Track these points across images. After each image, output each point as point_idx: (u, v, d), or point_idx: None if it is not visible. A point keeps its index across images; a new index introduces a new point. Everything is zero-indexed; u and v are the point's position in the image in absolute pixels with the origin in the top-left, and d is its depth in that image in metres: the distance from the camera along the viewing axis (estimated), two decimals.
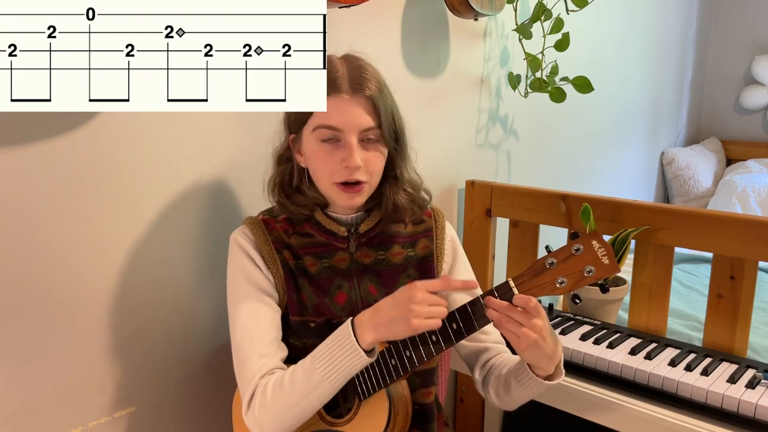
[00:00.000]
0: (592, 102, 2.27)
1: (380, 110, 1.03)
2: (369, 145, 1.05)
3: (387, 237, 1.15)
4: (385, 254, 1.14)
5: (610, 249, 0.97)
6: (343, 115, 1.02)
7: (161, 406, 1.29)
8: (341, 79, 1.03)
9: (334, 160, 1.04)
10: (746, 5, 3.32)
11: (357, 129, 1.03)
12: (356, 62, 1.07)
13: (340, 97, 1.02)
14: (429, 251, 1.17)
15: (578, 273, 0.96)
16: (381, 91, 1.05)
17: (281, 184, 1.13)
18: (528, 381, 1.07)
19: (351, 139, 1.02)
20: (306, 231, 1.13)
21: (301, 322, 1.10)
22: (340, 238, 1.12)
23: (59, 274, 1.11)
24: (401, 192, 1.12)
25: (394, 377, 1.04)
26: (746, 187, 2.95)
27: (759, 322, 1.70)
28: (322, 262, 1.12)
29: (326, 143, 1.04)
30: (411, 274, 1.15)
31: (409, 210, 1.13)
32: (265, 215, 1.16)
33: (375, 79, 1.05)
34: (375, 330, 0.97)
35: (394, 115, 1.07)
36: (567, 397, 1.42)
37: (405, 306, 0.94)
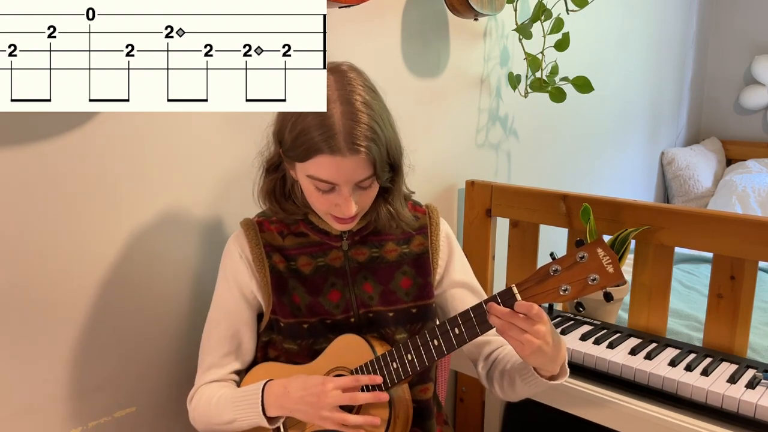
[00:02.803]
0: (592, 102, 2.27)
1: (376, 159, 0.98)
2: (363, 187, 1.03)
3: (380, 234, 1.14)
4: (380, 251, 1.14)
5: (615, 257, 0.96)
6: (338, 173, 0.99)
7: (161, 406, 1.29)
8: (337, 137, 0.96)
9: (328, 203, 1.03)
10: (746, 5, 3.32)
11: (352, 182, 1.00)
12: (354, 104, 0.98)
13: (333, 158, 0.97)
14: (424, 248, 1.17)
15: (582, 281, 0.96)
16: (375, 132, 0.98)
17: (272, 192, 1.11)
18: (533, 381, 1.07)
19: (345, 192, 1.00)
20: (300, 230, 1.13)
21: (295, 323, 1.11)
22: (333, 236, 1.12)
23: (59, 275, 1.11)
24: (390, 207, 1.11)
25: (396, 381, 1.04)
26: (746, 187, 2.95)
27: (759, 322, 1.70)
28: (317, 261, 1.12)
29: (320, 189, 1.02)
30: (406, 270, 1.15)
31: (391, 227, 1.12)
32: (260, 217, 1.16)
33: (371, 115, 0.98)
34: (280, 410, 1.05)
35: (389, 148, 1.01)
36: (567, 397, 1.42)
37: (314, 403, 1.00)
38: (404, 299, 1.14)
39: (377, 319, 1.13)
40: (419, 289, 1.15)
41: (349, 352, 1.08)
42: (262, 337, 1.17)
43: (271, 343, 1.16)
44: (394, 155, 1.04)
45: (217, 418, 1.11)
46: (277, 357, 1.16)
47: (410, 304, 1.14)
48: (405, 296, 1.14)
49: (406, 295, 1.14)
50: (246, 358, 1.18)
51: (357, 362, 1.07)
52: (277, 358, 1.15)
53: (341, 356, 1.08)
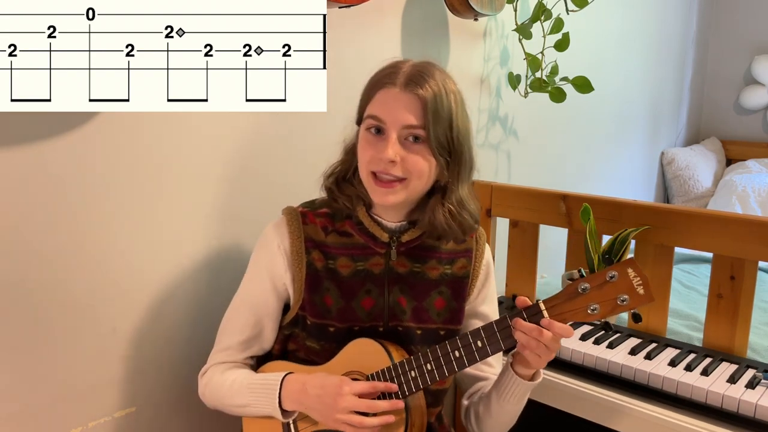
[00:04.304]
0: (592, 102, 2.27)
1: (428, 112, 0.99)
2: (413, 145, 1.01)
3: (426, 250, 1.12)
4: (422, 267, 1.11)
5: (646, 278, 0.94)
6: (388, 107, 1.00)
7: (161, 406, 1.29)
8: (399, 74, 1.01)
9: (373, 150, 1.01)
10: (746, 5, 3.32)
11: (399, 124, 0.99)
12: (426, 67, 1.03)
13: (390, 90, 1.00)
14: (466, 272, 1.14)
15: (612, 301, 0.94)
16: (439, 96, 1.00)
17: (339, 172, 1.11)
18: (509, 386, 1.07)
19: (391, 133, 1.00)
20: (345, 230, 1.10)
21: (321, 324, 1.09)
22: (380, 243, 1.09)
23: (59, 275, 1.11)
24: (444, 208, 1.06)
25: (413, 390, 1.03)
26: (746, 187, 2.95)
27: (759, 322, 1.70)
28: (356, 264, 1.09)
29: (371, 134, 1.02)
30: (443, 291, 1.12)
31: (448, 230, 1.07)
32: (305, 207, 1.13)
33: (438, 85, 1.01)
34: (296, 405, 1.05)
35: (452, 124, 1.01)
36: (567, 397, 1.42)
37: (330, 404, 1.00)
38: (435, 319, 1.11)
39: (405, 334, 1.11)
40: (451, 313, 1.13)
41: (365, 357, 1.06)
42: (284, 330, 1.15)
43: (293, 336, 1.14)
44: (457, 135, 1.03)
45: (230, 399, 1.10)
46: (296, 351, 1.14)
47: (440, 326, 1.12)
48: (436, 316, 1.11)
49: (437, 316, 1.12)
50: (264, 345, 1.16)
51: (372, 368, 1.05)
52: (296, 352, 1.14)
53: (356, 360, 1.07)
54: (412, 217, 1.10)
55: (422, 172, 1.02)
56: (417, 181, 1.02)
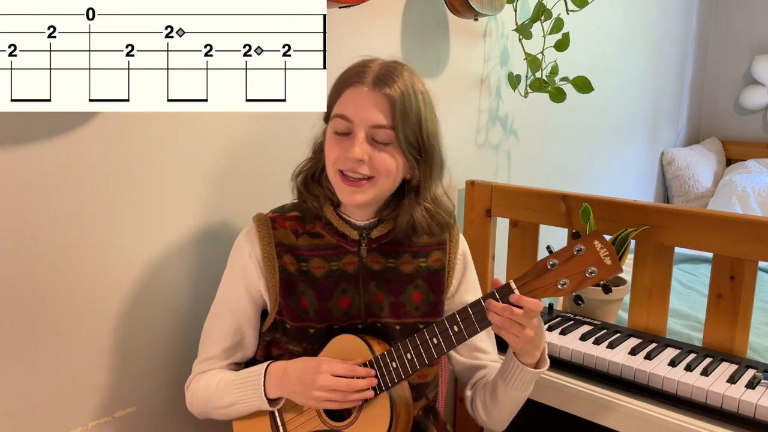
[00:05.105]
0: (592, 102, 2.27)
1: (397, 111, 0.99)
2: (381, 145, 1.01)
3: (399, 245, 1.12)
4: (395, 262, 1.12)
5: (613, 249, 0.96)
6: (356, 106, 1.00)
7: (161, 406, 1.29)
8: (368, 73, 1.01)
9: (340, 149, 1.01)
10: (746, 5, 3.32)
11: (367, 123, 1.00)
12: (395, 66, 1.04)
13: (358, 89, 1.00)
14: (441, 264, 1.14)
15: (580, 274, 0.96)
16: (407, 95, 1.00)
17: (307, 170, 1.12)
18: (515, 374, 1.07)
19: (358, 132, 1.00)
20: (316, 231, 1.11)
21: (300, 327, 1.10)
22: (350, 241, 1.10)
23: (59, 275, 1.11)
24: (420, 208, 1.07)
25: (396, 380, 1.04)
26: (746, 187, 2.95)
27: (759, 322, 1.70)
28: (330, 264, 1.10)
29: (338, 134, 1.02)
30: (419, 284, 1.12)
31: (426, 228, 1.09)
32: (275, 213, 1.14)
33: (406, 84, 1.01)
34: (279, 390, 1.06)
35: (421, 124, 1.02)
36: (567, 398, 1.42)
37: (308, 383, 1.02)
38: (413, 313, 1.12)
39: (384, 330, 1.12)
40: (430, 306, 1.13)
41: (347, 353, 1.07)
42: (265, 337, 1.16)
43: (275, 342, 1.16)
44: (426, 134, 1.03)
45: (218, 401, 1.11)
46: (280, 356, 1.15)
47: (418, 320, 1.12)
48: (414, 310, 1.12)
49: (415, 310, 1.12)
50: (247, 352, 1.17)
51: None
52: (280, 357, 1.15)
53: (339, 357, 1.08)
54: (381, 215, 1.11)
55: (390, 171, 1.03)
56: (384, 180, 1.03)
